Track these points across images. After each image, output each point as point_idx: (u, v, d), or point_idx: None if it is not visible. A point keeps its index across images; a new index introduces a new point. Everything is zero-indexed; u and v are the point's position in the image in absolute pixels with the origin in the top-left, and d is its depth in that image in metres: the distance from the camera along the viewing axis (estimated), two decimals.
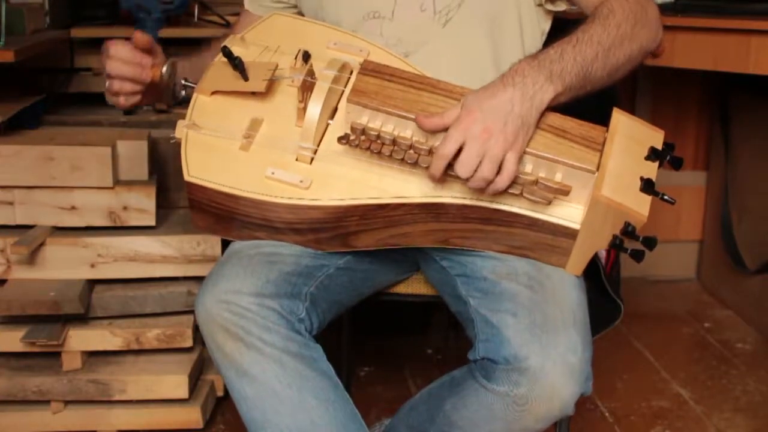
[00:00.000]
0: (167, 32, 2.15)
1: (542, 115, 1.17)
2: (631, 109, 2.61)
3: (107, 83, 1.31)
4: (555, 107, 1.19)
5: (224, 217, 1.27)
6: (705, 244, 2.75)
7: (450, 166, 1.14)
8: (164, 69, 1.31)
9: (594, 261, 1.36)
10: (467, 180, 1.14)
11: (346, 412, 1.27)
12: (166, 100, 1.38)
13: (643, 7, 1.26)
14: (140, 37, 1.28)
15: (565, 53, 1.17)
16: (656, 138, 1.21)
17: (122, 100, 1.32)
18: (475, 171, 1.12)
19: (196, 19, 2.27)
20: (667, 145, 1.21)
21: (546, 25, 1.43)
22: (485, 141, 1.11)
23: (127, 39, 1.31)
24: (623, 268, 1.50)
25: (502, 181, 1.14)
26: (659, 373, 2.20)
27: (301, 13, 1.49)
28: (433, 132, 1.18)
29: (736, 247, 2.51)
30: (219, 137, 1.26)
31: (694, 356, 2.32)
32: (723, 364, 2.26)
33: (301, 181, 1.23)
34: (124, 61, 1.29)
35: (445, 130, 1.16)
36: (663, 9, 1.92)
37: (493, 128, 1.12)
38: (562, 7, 1.41)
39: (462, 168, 1.12)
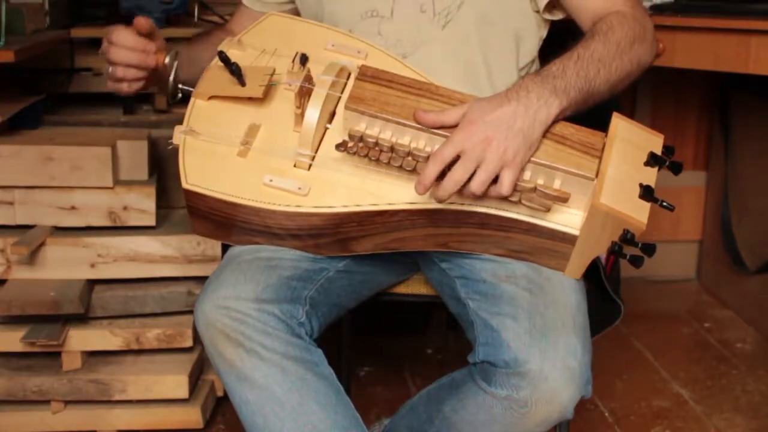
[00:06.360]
0: (167, 32, 2.14)
1: (548, 129, 1.15)
2: (631, 109, 2.61)
3: (110, 69, 1.28)
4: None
5: (224, 223, 1.26)
6: (705, 244, 2.75)
7: (441, 175, 1.12)
8: (167, 57, 1.29)
9: (594, 261, 1.36)
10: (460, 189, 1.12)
11: (348, 417, 1.27)
12: (166, 89, 1.35)
13: (641, 24, 1.26)
14: (142, 22, 1.26)
15: (567, 69, 1.17)
16: (656, 143, 1.20)
17: (125, 87, 1.30)
18: (469, 180, 1.11)
19: (196, 19, 2.27)
20: (667, 149, 1.20)
21: (543, 31, 1.42)
22: (483, 150, 1.10)
23: (128, 25, 1.29)
24: (623, 269, 1.50)
25: (495, 192, 1.13)
26: (659, 373, 2.20)
27: (297, 11, 1.48)
28: (429, 127, 1.16)
29: (736, 247, 2.51)
30: (217, 143, 1.26)
31: (694, 356, 2.32)
32: (723, 364, 2.26)
33: (299, 189, 1.22)
34: (128, 48, 1.27)
35: (441, 128, 1.15)
36: (663, 9, 1.92)
37: (493, 138, 1.11)
38: (559, 16, 1.40)
39: (456, 173, 1.10)
